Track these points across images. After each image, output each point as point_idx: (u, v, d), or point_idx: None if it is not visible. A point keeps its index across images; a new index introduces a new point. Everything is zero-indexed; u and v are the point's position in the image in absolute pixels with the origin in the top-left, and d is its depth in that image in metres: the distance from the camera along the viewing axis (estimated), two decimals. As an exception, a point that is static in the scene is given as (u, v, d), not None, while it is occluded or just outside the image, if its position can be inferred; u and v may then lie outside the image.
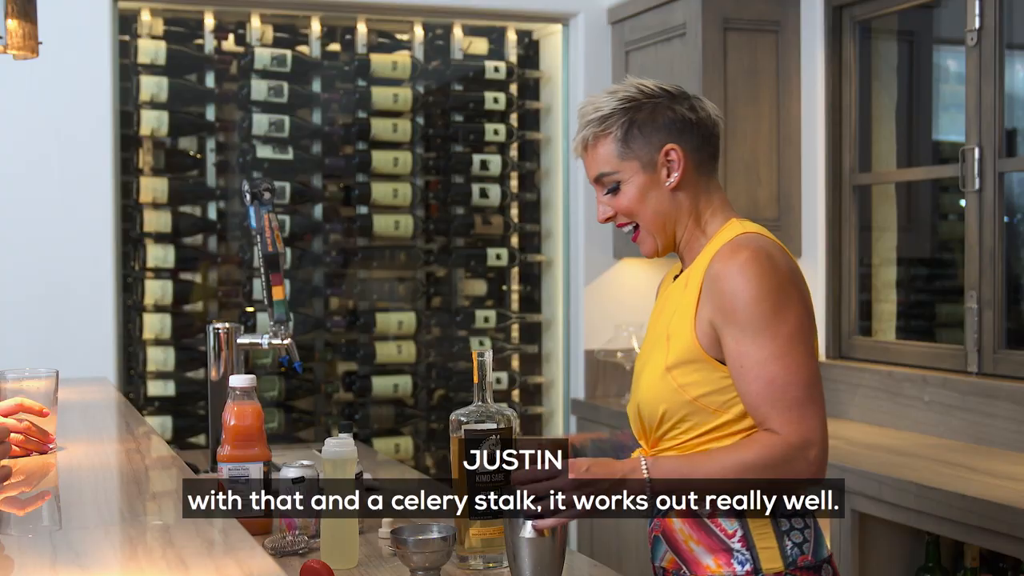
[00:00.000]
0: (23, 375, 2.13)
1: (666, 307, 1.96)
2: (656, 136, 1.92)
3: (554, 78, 4.59)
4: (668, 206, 1.93)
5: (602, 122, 1.93)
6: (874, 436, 3.42)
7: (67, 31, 3.85)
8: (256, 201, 2.78)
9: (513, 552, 1.85)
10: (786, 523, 1.85)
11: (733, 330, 1.81)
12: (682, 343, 1.87)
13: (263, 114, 4.18)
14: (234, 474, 2.21)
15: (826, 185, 3.89)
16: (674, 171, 1.92)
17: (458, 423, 1.94)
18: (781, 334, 1.79)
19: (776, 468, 1.77)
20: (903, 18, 3.90)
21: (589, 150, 1.95)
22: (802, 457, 1.77)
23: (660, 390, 1.88)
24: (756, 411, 1.80)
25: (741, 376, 1.81)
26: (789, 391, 1.78)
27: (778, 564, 1.84)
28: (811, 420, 1.79)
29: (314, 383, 4.34)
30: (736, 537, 1.85)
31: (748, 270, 1.81)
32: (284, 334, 2.82)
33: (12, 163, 3.89)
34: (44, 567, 1.33)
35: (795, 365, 1.79)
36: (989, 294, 3.30)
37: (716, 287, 1.84)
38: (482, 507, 1.90)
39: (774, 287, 1.81)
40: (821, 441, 1.79)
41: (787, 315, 1.80)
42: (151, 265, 4.09)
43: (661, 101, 1.93)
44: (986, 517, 2.57)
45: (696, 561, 1.87)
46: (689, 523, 1.88)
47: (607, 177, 1.94)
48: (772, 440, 1.78)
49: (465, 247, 4.50)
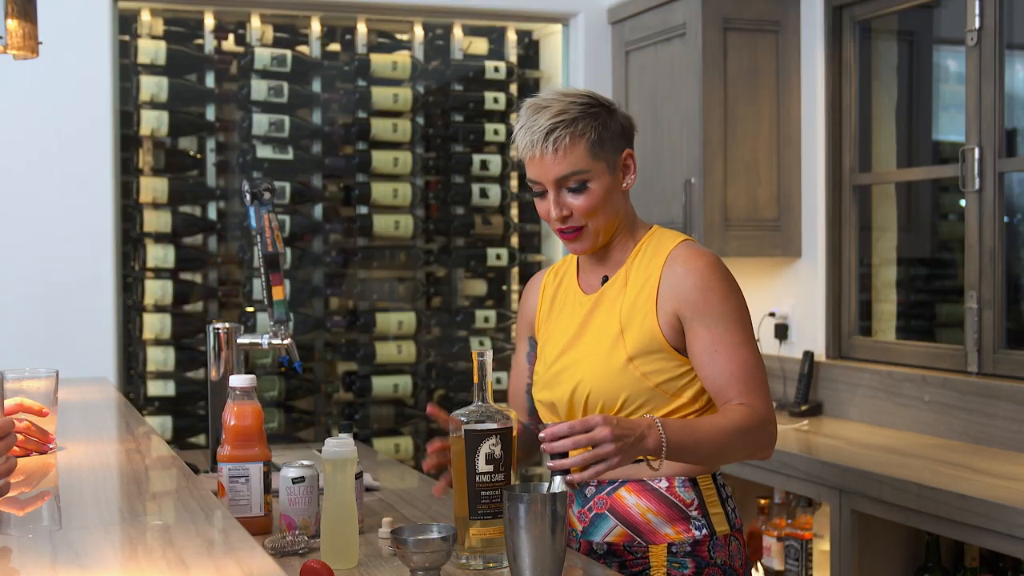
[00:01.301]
0: (23, 375, 2.13)
1: (601, 305, 2.10)
2: (617, 141, 2.07)
3: (554, 78, 4.59)
4: (620, 207, 2.10)
5: (574, 124, 2.02)
6: (874, 436, 3.42)
7: (67, 31, 3.85)
8: (256, 201, 2.78)
9: (513, 552, 1.85)
10: (723, 492, 2.10)
11: (705, 320, 2.01)
12: (643, 335, 2.03)
13: (263, 114, 4.18)
14: (234, 474, 2.21)
15: (826, 185, 3.89)
16: (630, 174, 2.10)
17: (458, 423, 1.94)
18: (745, 325, 2.03)
19: (754, 434, 1.99)
20: (903, 18, 3.90)
21: (561, 151, 2.02)
22: (771, 429, 2.02)
23: (622, 380, 2.03)
24: (729, 388, 2.00)
25: (713, 359, 2.00)
26: (757, 373, 2.02)
27: (725, 527, 2.08)
28: (770, 402, 2.04)
29: (314, 383, 4.34)
30: (693, 506, 2.06)
31: (716, 270, 2.04)
32: (284, 334, 2.82)
33: (12, 163, 3.89)
34: (44, 567, 1.33)
35: (757, 353, 2.04)
36: (989, 294, 3.30)
37: (684, 283, 2.02)
38: (484, 507, 1.90)
39: (735, 285, 2.05)
40: (775, 421, 2.05)
41: (745, 311, 2.05)
42: (151, 265, 4.09)
43: (613, 109, 2.08)
44: (986, 517, 2.57)
45: (653, 531, 2.05)
46: (646, 496, 2.05)
47: (577, 176, 2.03)
48: (752, 411, 1.98)
49: (465, 247, 4.50)
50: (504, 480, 1.92)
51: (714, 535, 2.06)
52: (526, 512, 1.83)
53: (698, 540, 2.05)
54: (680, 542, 2.04)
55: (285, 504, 2.22)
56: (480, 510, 1.91)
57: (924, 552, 3.01)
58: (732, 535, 2.08)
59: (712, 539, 2.05)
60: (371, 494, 2.63)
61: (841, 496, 3.00)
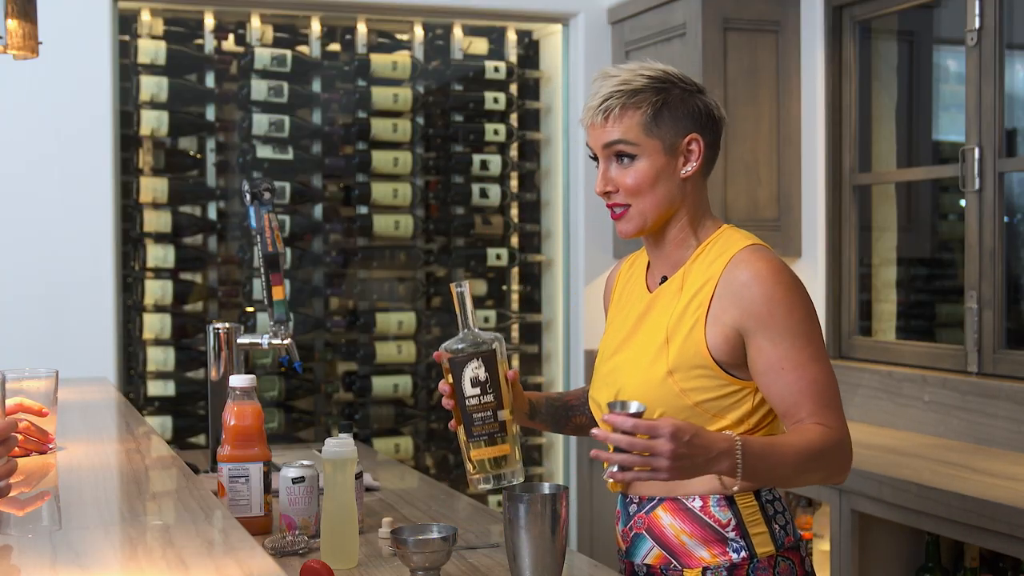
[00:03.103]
0: (23, 375, 2.13)
1: (655, 308, 1.96)
2: (683, 123, 1.92)
3: (554, 78, 4.59)
4: (674, 194, 1.94)
5: (633, 95, 1.90)
6: (874, 436, 3.42)
7: (67, 31, 3.85)
8: (256, 201, 2.78)
9: (513, 552, 1.85)
10: (771, 508, 1.92)
11: (770, 334, 1.85)
12: (687, 349, 1.88)
13: (263, 114, 4.18)
14: (234, 474, 2.21)
15: (826, 185, 3.89)
16: (691, 161, 1.94)
17: (445, 351, 1.92)
18: (814, 340, 1.87)
19: (833, 456, 1.85)
20: (903, 18, 3.90)
21: (611, 119, 1.91)
22: (846, 449, 1.88)
23: (660, 394, 1.88)
24: (799, 408, 1.85)
25: (780, 377, 1.85)
26: (827, 391, 1.86)
27: (770, 548, 1.90)
28: (844, 420, 1.89)
29: (314, 383, 4.34)
30: (730, 526, 1.89)
31: (783, 278, 1.87)
32: (284, 334, 2.82)
33: (12, 163, 3.89)
34: (44, 567, 1.33)
35: (828, 369, 1.88)
36: (989, 294, 3.30)
37: (748, 293, 1.86)
38: (479, 428, 1.88)
39: (803, 297, 1.89)
40: (850, 440, 1.90)
41: (815, 323, 1.89)
42: (151, 265, 4.09)
43: (691, 89, 1.94)
44: (986, 517, 2.57)
45: (688, 554, 1.90)
46: (680, 517, 1.91)
47: (624, 146, 1.91)
48: (827, 431, 1.85)
49: (465, 247, 4.50)
50: (494, 402, 1.87)
51: (754, 558, 1.89)
52: (526, 512, 1.83)
53: (736, 564, 1.88)
54: (716, 566, 1.88)
55: (285, 504, 2.22)
56: (475, 432, 1.87)
57: (924, 552, 3.01)
58: (780, 555, 1.91)
59: (752, 562, 1.89)
60: (371, 494, 2.63)
61: (841, 496, 3.00)
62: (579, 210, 4.45)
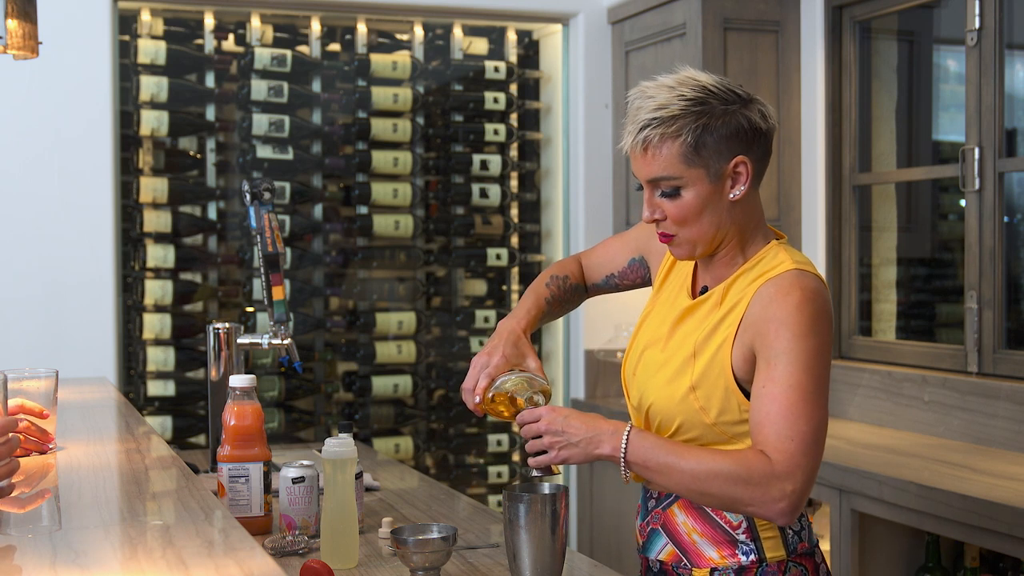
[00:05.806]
0: (23, 375, 2.13)
1: (691, 317, 1.92)
2: (727, 145, 1.82)
3: (554, 78, 4.60)
4: (723, 219, 1.86)
5: (671, 123, 1.81)
6: (874, 436, 3.42)
7: (67, 31, 3.85)
8: (256, 201, 2.78)
9: (513, 552, 1.85)
10: None
11: (769, 353, 1.77)
12: (712, 368, 1.84)
13: (263, 114, 4.18)
14: (234, 474, 2.21)
15: (826, 185, 3.89)
16: (740, 184, 1.84)
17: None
18: (811, 371, 1.76)
19: (748, 486, 1.74)
20: (903, 18, 3.90)
21: (651, 151, 1.83)
22: (778, 488, 1.75)
23: (680, 406, 1.86)
24: (760, 431, 1.76)
25: (761, 396, 1.77)
26: (800, 423, 1.74)
27: (781, 552, 1.87)
28: (804, 460, 1.75)
29: (314, 383, 4.34)
30: (741, 528, 1.86)
31: (808, 306, 1.78)
32: (284, 334, 2.82)
33: (12, 163, 3.89)
34: (44, 567, 1.33)
35: (815, 405, 1.76)
36: (989, 294, 3.30)
37: (766, 312, 1.80)
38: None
39: (820, 333, 1.79)
40: (803, 484, 1.76)
41: (821, 361, 1.78)
42: (151, 265, 4.09)
43: (734, 106, 1.84)
44: (986, 517, 2.57)
45: (699, 553, 1.88)
46: (693, 515, 1.89)
47: (667, 182, 1.83)
48: (759, 461, 1.75)
49: (465, 247, 4.50)
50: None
51: (763, 562, 1.85)
52: (526, 512, 1.83)
53: (744, 567, 1.85)
54: (724, 568, 1.86)
55: (285, 504, 2.22)
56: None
57: (924, 552, 3.01)
58: (792, 561, 1.87)
59: (761, 566, 1.85)
60: (371, 494, 2.63)
61: (841, 496, 3.00)
62: (579, 210, 4.45)
